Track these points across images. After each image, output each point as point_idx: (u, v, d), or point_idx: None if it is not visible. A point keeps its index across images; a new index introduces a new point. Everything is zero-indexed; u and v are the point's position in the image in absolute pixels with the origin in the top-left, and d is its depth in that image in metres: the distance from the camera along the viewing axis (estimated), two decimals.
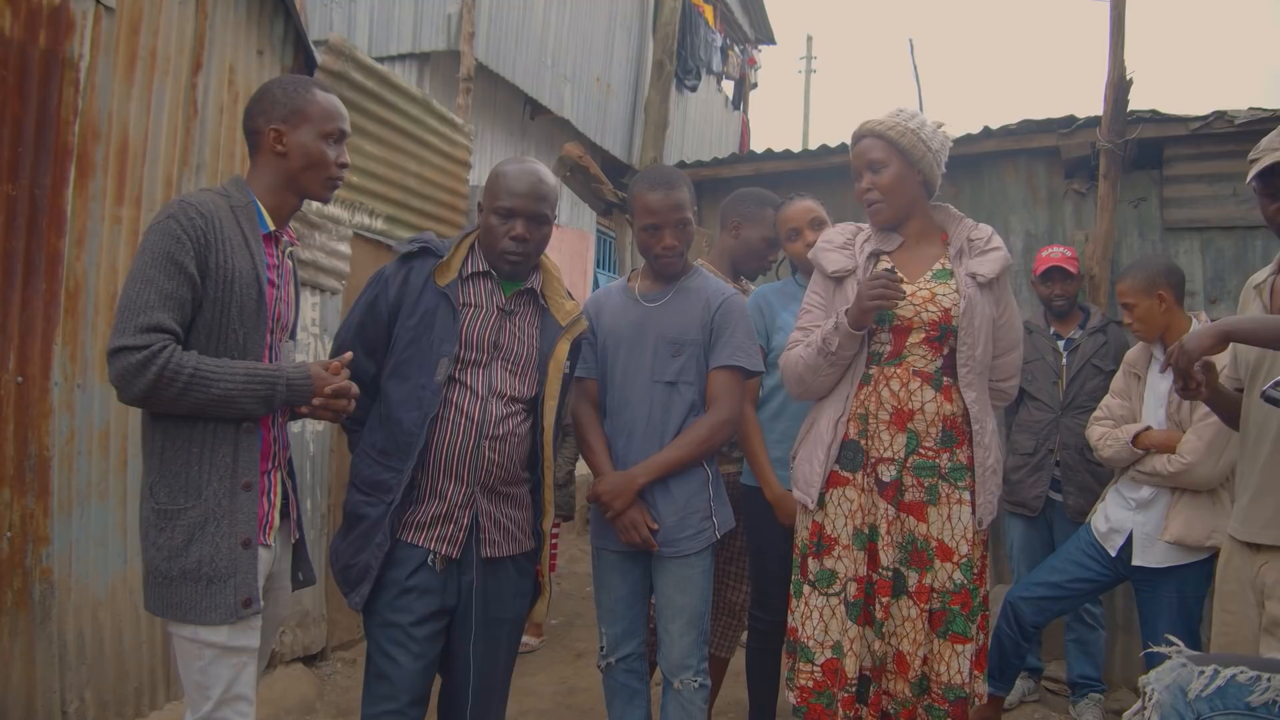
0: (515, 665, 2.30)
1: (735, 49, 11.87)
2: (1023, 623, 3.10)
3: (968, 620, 2.23)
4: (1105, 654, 3.65)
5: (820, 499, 2.32)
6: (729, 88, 12.16)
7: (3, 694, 2.37)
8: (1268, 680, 1.39)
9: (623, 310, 2.51)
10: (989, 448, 2.30)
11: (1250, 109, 3.93)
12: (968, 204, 4.54)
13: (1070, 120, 4.31)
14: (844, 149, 4.89)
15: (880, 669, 2.27)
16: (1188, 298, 3.46)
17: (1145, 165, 4.19)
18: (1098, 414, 3.15)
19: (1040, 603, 3.10)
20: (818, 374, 2.32)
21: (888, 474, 2.25)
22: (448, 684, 2.18)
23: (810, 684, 2.28)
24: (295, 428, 3.43)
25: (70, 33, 2.49)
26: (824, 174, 4.75)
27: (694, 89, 10.13)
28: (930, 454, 2.25)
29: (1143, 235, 4.23)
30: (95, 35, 2.57)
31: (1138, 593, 3.01)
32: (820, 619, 2.29)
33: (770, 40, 13.38)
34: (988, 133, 4.51)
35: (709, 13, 10.43)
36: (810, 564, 2.34)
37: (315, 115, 1.87)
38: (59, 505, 2.53)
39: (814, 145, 5.51)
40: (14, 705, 2.40)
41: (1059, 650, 3.79)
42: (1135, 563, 2.92)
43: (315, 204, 3.60)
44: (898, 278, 2.21)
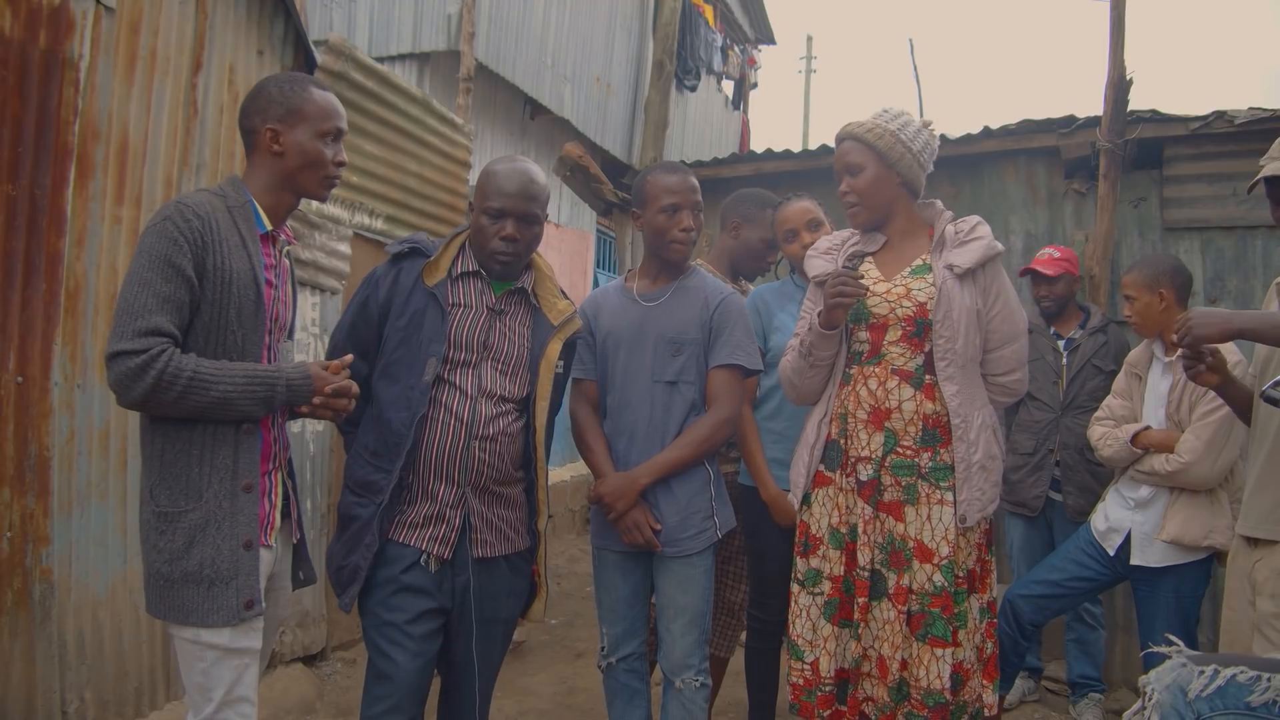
0: (515, 665, 2.30)
1: (735, 49, 11.85)
2: (1021, 621, 3.11)
3: (948, 624, 2.18)
4: (1105, 654, 3.65)
5: (806, 498, 2.35)
6: (729, 88, 12.14)
7: (3, 694, 2.37)
8: (1268, 680, 1.39)
9: (621, 311, 2.51)
10: (974, 444, 2.24)
11: (1250, 109, 3.92)
12: (968, 204, 4.55)
13: (1070, 120, 4.31)
14: None
15: (858, 672, 2.26)
16: (1189, 298, 3.46)
17: (1145, 165, 4.19)
18: (1099, 414, 3.16)
19: (1039, 601, 3.10)
20: (803, 377, 2.36)
21: (865, 473, 2.25)
22: (446, 684, 2.19)
23: (801, 681, 2.30)
24: (295, 428, 3.43)
25: (70, 33, 2.49)
26: (824, 174, 4.69)
27: (694, 89, 10.12)
28: (909, 453, 2.23)
29: (1143, 235, 4.23)
30: (95, 35, 2.57)
31: (1136, 592, 3.02)
32: (808, 618, 2.31)
33: (770, 40, 13.36)
34: (988, 133, 4.51)
35: (709, 13, 10.41)
36: (799, 564, 2.37)
37: (312, 114, 1.86)
38: (59, 505, 2.53)
39: (814, 145, 5.52)
40: (14, 705, 2.40)
41: (1059, 650, 3.79)
42: (1133, 562, 2.93)
43: (315, 204, 3.61)
44: (858, 274, 2.23)
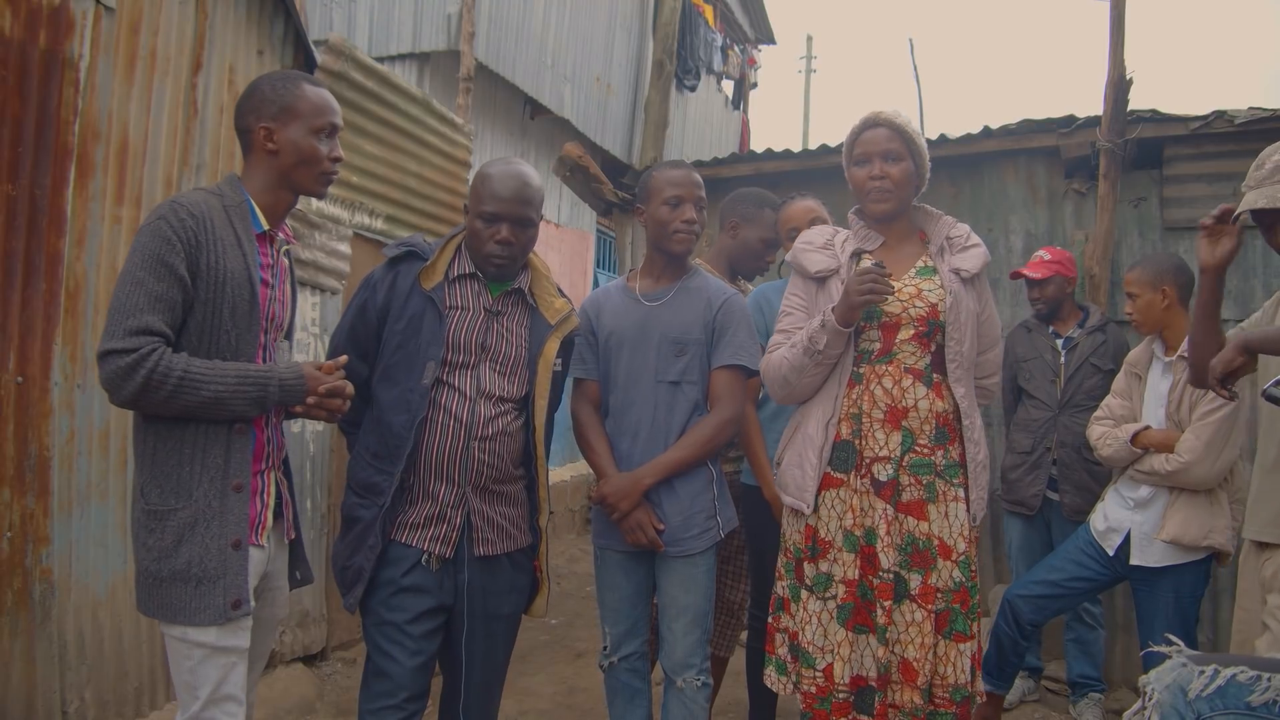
0: (515, 665, 2.30)
1: (735, 49, 11.85)
2: (1021, 621, 3.11)
3: (967, 618, 2.23)
4: (1105, 654, 3.65)
5: (814, 502, 2.30)
6: (729, 88, 12.13)
7: (3, 694, 2.37)
8: (1268, 680, 1.39)
9: (624, 310, 2.51)
10: (979, 443, 2.30)
11: (1250, 109, 3.92)
12: (968, 204, 4.55)
13: (1070, 120, 4.31)
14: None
15: (886, 679, 2.21)
16: (1191, 298, 3.46)
17: (1145, 165, 4.19)
18: (1098, 413, 3.16)
19: (1038, 601, 3.10)
20: (803, 375, 2.29)
21: (884, 473, 2.23)
22: (448, 680, 2.19)
23: (814, 689, 2.25)
24: (295, 427, 3.43)
25: (70, 33, 2.49)
26: (824, 174, 4.74)
27: (694, 89, 10.12)
28: (925, 451, 2.24)
29: (1143, 235, 4.22)
30: (95, 35, 2.56)
31: (1135, 592, 3.01)
32: (819, 624, 2.26)
33: (770, 40, 13.36)
34: (988, 133, 4.51)
35: (709, 13, 10.41)
36: (806, 568, 2.31)
37: (305, 111, 1.85)
38: (59, 505, 2.53)
39: (814, 145, 5.50)
40: (14, 705, 2.40)
41: (1059, 650, 3.79)
42: (1133, 562, 2.92)
43: (316, 204, 3.61)
44: (886, 272, 2.20)
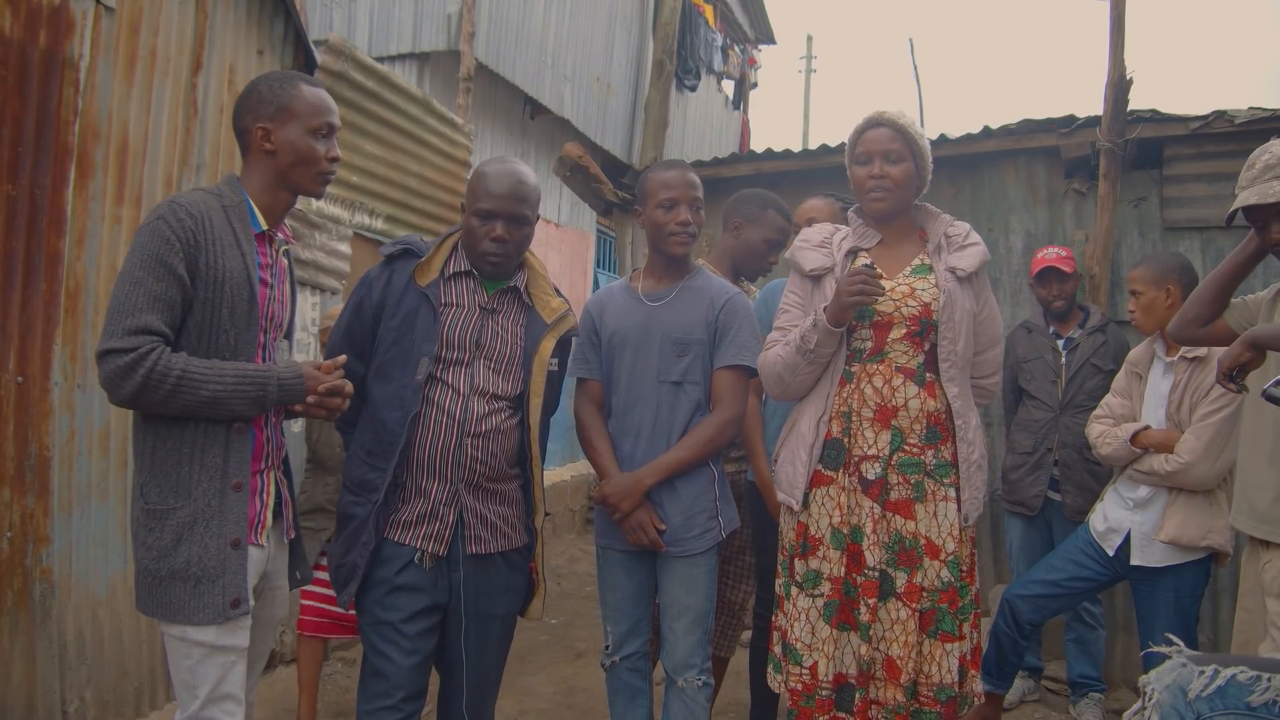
0: (515, 665, 2.30)
1: (735, 49, 11.85)
2: (1020, 621, 3.10)
3: (956, 618, 2.22)
4: (1105, 654, 3.65)
5: (804, 499, 2.31)
6: (729, 88, 12.13)
7: (3, 694, 2.37)
8: (1268, 680, 1.39)
9: (627, 310, 2.51)
10: (973, 443, 2.29)
11: (1250, 109, 3.92)
12: (968, 204, 4.55)
13: (1070, 120, 4.31)
14: (844, 149, 4.90)
15: (868, 676, 2.23)
16: None
17: (1145, 165, 4.19)
18: (1098, 412, 3.15)
19: (1038, 601, 3.10)
20: (796, 373, 2.30)
21: (872, 472, 2.23)
22: (445, 680, 2.19)
23: (800, 686, 2.26)
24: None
25: (70, 33, 2.49)
26: (824, 174, 4.74)
27: (694, 89, 10.11)
28: (915, 451, 2.23)
29: (1143, 235, 4.22)
30: (95, 35, 2.57)
31: (1135, 592, 3.01)
32: (807, 620, 2.27)
33: (770, 40, 13.36)
34: (988, 133, 4.51)
35: (709, 12, 10.41)
36: (797, 565, 2.33)
37: (302, 111, 1.85)
38: (59, 505, 2.53)
39: (814, 145, 5.50)
40: (14, 705, 2.40)
41: (1059, 650, 3.79)
42: (1133, 562, 2.92)
43: (315, 203, 3.61)
44: (876, 272, 2.20)
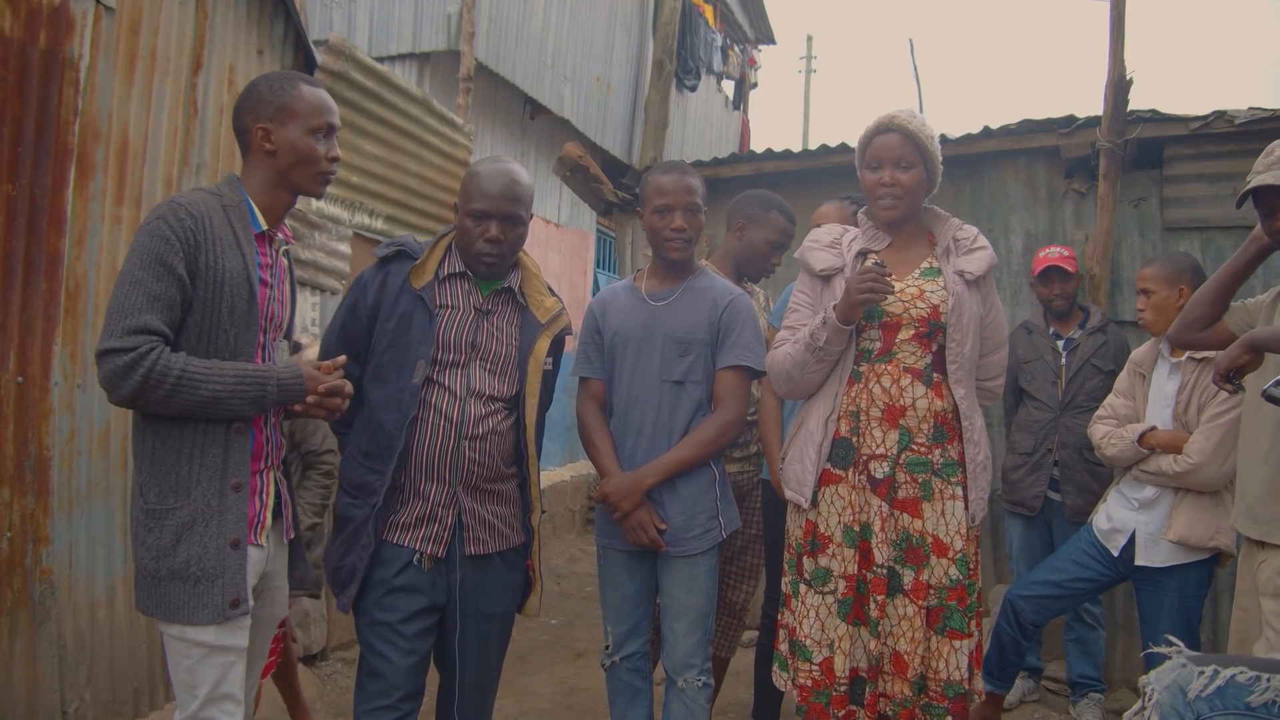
0: (515, 665, 2.30)
1: (735, 49, 11.84)
2: (1022, 621, 3.11)
3: (964, 616, 2.24)
4: (1105, 654, 3.65)
5: (813, 497, 2.33)
6: (729, 88, 12.13)
7: (3, 694, 2.37)
8: (1268, 680, 1.39)
9: (630, 310, 2.52)
10: (979, 444, 2.32)
11: (1250, 109, 3.92)
12: (968, 204, 4.55)
13: (1070, 120, 4.31)
14: (844, 149, 4.91)
15: (877, 670, 2.26)
16: None
17: (1145, 165, 4.19)
18: (1100, 413, 3.15)
19: (1040, 601, 3.10)
20: (805, 370, 2.32)
21: (880, 471, 2.26)
22: (443, 679, 2.20)
23: (809, 683, 2.28)
24: None
25: (70, 33, 2.49)
26: (824, 174, 4.75)
27: (694, 89, 10.11)
28: (922, 450, 2.26)
29: (1143, 235, 4.22)
30: (95, 35, 2.57)
31: (1138, 592, 3.01)
32: (817, 618, 2.29)
33: (770, 40, 13.36)
34: (988, 133, 4.51)
35: (709, 12, 10.41)
36: (805, 563, 2.35)
37: (302, 111, 1.86)
38: (59, 505, 2.53)
39: (814, 145, 5.50)
40: (14, 705, 2.40)
41: (1059, 650, 3.79)
42: (1139, 562, 2.91)
43: (315, 204, 3.61)
44: (887, 271, 2.22)
